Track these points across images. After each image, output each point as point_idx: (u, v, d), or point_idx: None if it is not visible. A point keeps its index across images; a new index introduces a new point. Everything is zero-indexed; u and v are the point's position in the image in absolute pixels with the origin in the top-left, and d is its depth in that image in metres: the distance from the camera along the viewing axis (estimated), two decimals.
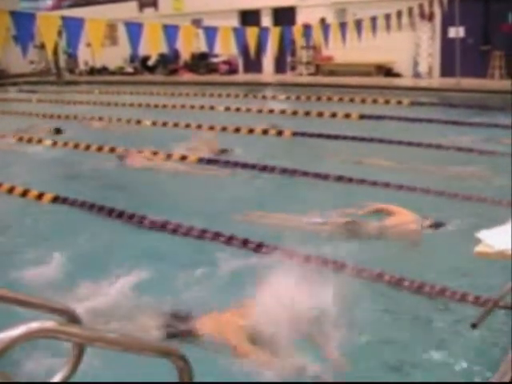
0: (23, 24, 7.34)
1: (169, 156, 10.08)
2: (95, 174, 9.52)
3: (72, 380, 1.77)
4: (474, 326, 3.03)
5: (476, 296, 4.44)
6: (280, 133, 11.80)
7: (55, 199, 7.79)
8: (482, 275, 4.77)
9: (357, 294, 4.31)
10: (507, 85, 17.43)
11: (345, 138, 11.01)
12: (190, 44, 10.65)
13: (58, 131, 12.87)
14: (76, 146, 11.39)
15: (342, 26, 14.44)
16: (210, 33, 10.72)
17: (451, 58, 18.53)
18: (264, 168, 8.95)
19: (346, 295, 4.04)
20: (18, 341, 1.45)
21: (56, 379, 1.79)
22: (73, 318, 1.77)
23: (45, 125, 13.62)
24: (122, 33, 10.01)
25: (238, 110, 15.34)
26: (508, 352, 3.22)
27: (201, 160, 9.82)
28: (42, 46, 22.61)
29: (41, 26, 7.56)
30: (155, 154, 10.21)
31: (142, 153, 10.23)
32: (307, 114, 14.13)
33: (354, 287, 4.36)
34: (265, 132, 11.95)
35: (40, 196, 7.94)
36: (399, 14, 16.60)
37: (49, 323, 1.52)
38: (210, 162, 9.71)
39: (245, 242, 5.88)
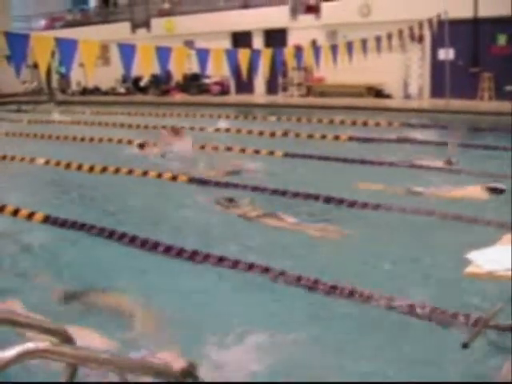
0: (17, 44, 7.38)
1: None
2: None
3: None
4: (465, 345, 3.05)
5: (466, 315, 4.44)
6: (271, 153, 11.84)
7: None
8: None
9: None
10: (496, 106, 17.62)
11: (336, 159, 11.04)
12: (182, 65, 10.70)
13: (141, 146, 12.49)
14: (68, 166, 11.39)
15: (333, 47, 14.56)
16: (202, 54, 10.78)
17: (441, 80, 18.70)
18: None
19: None
20: (12, 361, 1.46)
21: None
22: (66, 339, 1.79)
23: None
24: (114, 53, 10.04)
25: (227, 130, 15.40)
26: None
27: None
28: (35, 66, 22.63)
29: (34, 47, 7.60)
30: None
31: None
32: (297, 135, 14.19)
33: None
34: (256, 152, 11.99)
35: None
36: (389, 36, 16.78)
37: (43, 344, 1.53)
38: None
39: None
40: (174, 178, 9.94)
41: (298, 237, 6.89)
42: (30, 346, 1.51)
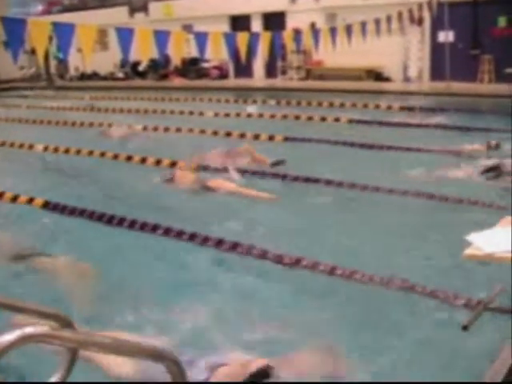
0: (14, 30, 7.33)
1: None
2: None
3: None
4: (464, 327, 3.06)
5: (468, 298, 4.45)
6: (271, 138, 11.81)
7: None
8: None
9: None
10: (496, 89, 17.55)
11: (336, 142, 11.02)
12: (180, 49, 10.66)
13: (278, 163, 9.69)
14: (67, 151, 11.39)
15: (332, 30, 14.50)
16: (201, 38, 10.74)
17: (441, 62, 18.64)
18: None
19: None
20: (12, 346, 1.46)
21: None
22: (66, 323, 1.78)
23: None
24: (112, 38, 10.01)
25: (227, 115, 15.36)
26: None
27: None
28: (33, 52, 22.56)
29: (31, 32, 7.56)
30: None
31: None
32: (297, 118, 14.17)
33: None
34: (256, 137, 11.96)
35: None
36: (389, 19, 16.69)
37: (42, 328, 1.53)
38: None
39: None
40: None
41: None
42: (28, 330, 1.50)
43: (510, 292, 3.72)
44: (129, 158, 10.41)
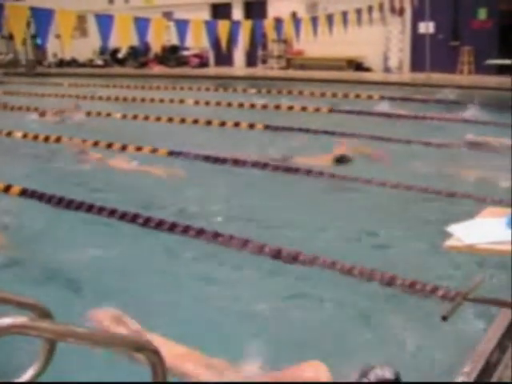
0: None
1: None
2: None
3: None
4: (444, 318, 3.06)
5: (446, 289, 4.47)
6: (252, 126, 11.78)
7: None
8: None
9: None
10: (476, 80, 17.66)
11: (315, 131, 11.02)
12: (160, 37, 10.60)
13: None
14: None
15: (314, 20, 14.49)
16: (181, 26, 10.68)
17: (421, 53, 18.72)
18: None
19: None
20: None
21: (26, 376, 1.76)
22: (44, 313, 1.75)
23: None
24: (91, 24, 9.93)
25: (207, 103, 15.29)
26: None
27: None
28: (10, 37, 22.25)
29: (9, 17, 7.45)
30: None
31: None
32: (277, 107, 14.15)
33: None
34: (236, 125, 11.92)
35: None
36: (370, 9, 16.74)
37: (20, 319, 1.50)
38: None
39: None
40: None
41: None
42: (5, 321, 1.47)
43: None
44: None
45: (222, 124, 12.12)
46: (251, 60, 24.62)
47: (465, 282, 3.75)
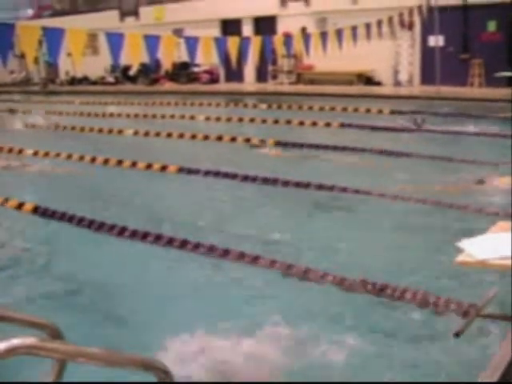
0: (2, 34, 7.28)
1: None
2: None
3: None
4: (457, 334, 3.05)
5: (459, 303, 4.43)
6: (262, 142, 11.78)
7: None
8: None
9: None
10: (486, 93, 17.62)
11: (326, 147, 11.01)
12: (171, 54, 10.63)
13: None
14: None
15: (323, 35, 14.51)
16: (192, 42, 10.71)
17: (431, 67, 18.69)
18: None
19: None
20: None
21: None
22: (54, 333, 1.76)
23: None
24: (102, 42, 9.99)
25: (218, 119, 15.33)
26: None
27: None
28: (22, 56, 22.45)
29: (21, 36, 7.51)
30: None
31: None
32: (288, 122, 14.16)
33: None
34: (247, 141, 11.94)
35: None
36: (379, 23, 16.74)
37: (30, 339, 1.49)
38: None
39: None
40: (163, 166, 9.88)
41: None
42: (15, 342, 1.47)
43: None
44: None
45: (233, 140, 12.15)
46: (261, 75, 24.71)
47: None
